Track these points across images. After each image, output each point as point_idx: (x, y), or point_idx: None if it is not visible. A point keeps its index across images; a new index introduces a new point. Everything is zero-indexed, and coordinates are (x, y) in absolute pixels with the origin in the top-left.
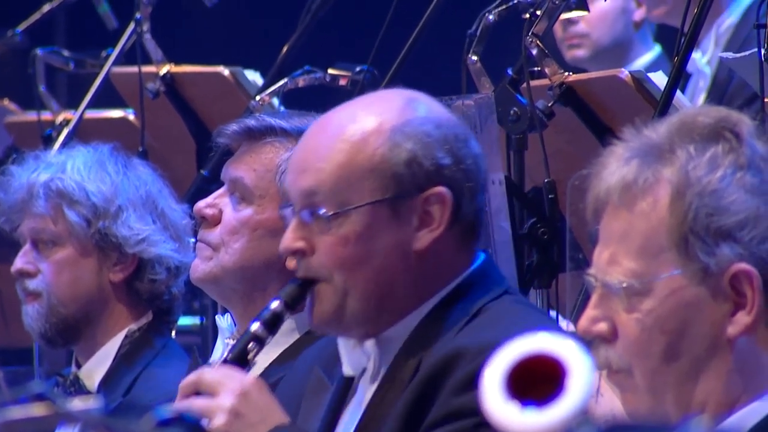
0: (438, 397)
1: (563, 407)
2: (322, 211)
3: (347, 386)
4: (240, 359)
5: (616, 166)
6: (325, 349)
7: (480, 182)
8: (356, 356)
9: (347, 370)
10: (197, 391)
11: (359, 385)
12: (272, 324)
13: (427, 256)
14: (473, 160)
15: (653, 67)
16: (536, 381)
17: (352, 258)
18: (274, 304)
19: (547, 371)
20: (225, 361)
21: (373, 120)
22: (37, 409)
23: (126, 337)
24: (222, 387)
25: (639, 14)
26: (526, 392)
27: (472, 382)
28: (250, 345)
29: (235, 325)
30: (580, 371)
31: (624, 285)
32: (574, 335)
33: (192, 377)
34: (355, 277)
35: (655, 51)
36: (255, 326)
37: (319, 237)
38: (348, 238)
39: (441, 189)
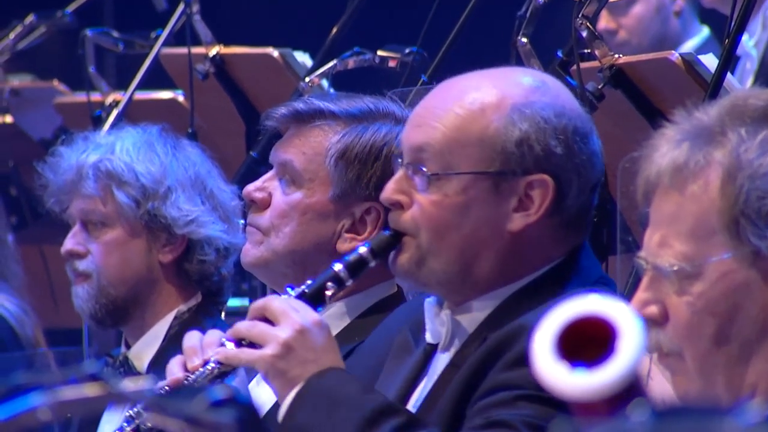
0: (491, 371)
1: (613, 369)
2: (426, 168)
3: (429, 353)
4: (316, 296)
5: (666, 149)
6: (417, 311)
7: (592, 179)
8: (437, 325)
9: (430, 337)
10: (264, 317)
11: (437, 354)
12: (355, 268)
13: (519, 238)
14: (588, 157)
15: (702, 49)
16: (588, 342)
17: (443, 221)
18: (362, 249)
19: (599, 333)
20: (301, 295)
21: (497, 93)
22: (90, 390)
23: (175, 318)
24: (284, 318)
25: (678, 4)
26: (578, 354)
27: (523, 358)
28: (329, 284)
29: None
30: (631, 333)
31: (675, 268)
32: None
33: (261, 302)
34: (441, 241)
35: (702, 34)
36: (338, 267)
37: (418, 194)
38: (444, 201)
39: (545, 177)
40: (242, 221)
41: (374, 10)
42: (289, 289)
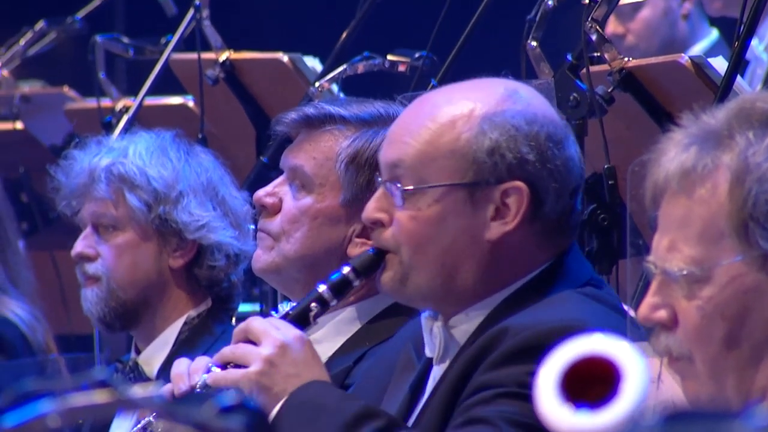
0: (475, 373)
1: (616, 410)
2: (401, 184)
3: (428, 367)
4: (300, 317)
5: (674, 153)
6: (419, 327)
7: (570, 184)
8: (431, 339)
9: (428, 351)
10: (247, 339)
11: (433, 367)
12: (339, 288)
13: (499, 246)
14: (563, 162)
15: (711, 52)
16: (591, 383)
17: (421, 236)
18: (345, 270)
19: (603, 373)
20: (285, 316)
21: (467, 105)
22: (100, 396)
23: (185, 323)
24: (265, 337)
25: (686, 7)
26: (581, 394)
27: (506, 358)
28: (313, 305)
29: None
30: (635, 374)
31: (684, 272)
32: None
33: (242, 324)
34: (421, 255)
35: (711, 36)
36: (322, 288)
37: (396, 210)
38: (420, 215)
39: (520, 184)
40: (253, 227)
41: (384, 15)
42: (273, 312)
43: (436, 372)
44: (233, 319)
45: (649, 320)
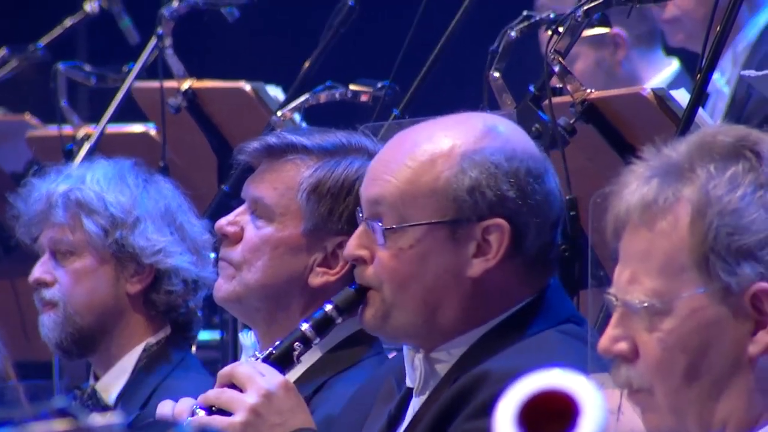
0: (457, 417)
1: None
2: (383, 222)
3: (406, 397)
4: (283, 358)
5: (636, 186)
6: (402, 359)
7: (551, 218)
8: (412, 369)
9: (408, 381)
10: (231, 383)
11: (412, 398)
12: (322, 326)
13: (481, 283)
14: (544, 197)
15: (674, 83)
16: (549, 417)
17: (403, 274)
18: (327, 307)
19: (561, 408)
20: (267, 357)
21: (447, 143)
22: (59, 425)
23: (144, 350)
24: (250, 384)
25: (619, 54)
26: (539, 428)
27: (487, 408)
28: (296, 344)
29: (258, 342)
30: (593, 410)
31: (645, 304)
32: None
33: (228, 368)
34: (404, 293)
35: (672, 67)
36: (304, 326)
37: (378, 248)
38: (402, 253)
39: (501, 221)
40: (213, 255)
41: (346, 45)
42: (256, 353)
43: (415, 403)
44: (192, 348)
45: (609, 352)
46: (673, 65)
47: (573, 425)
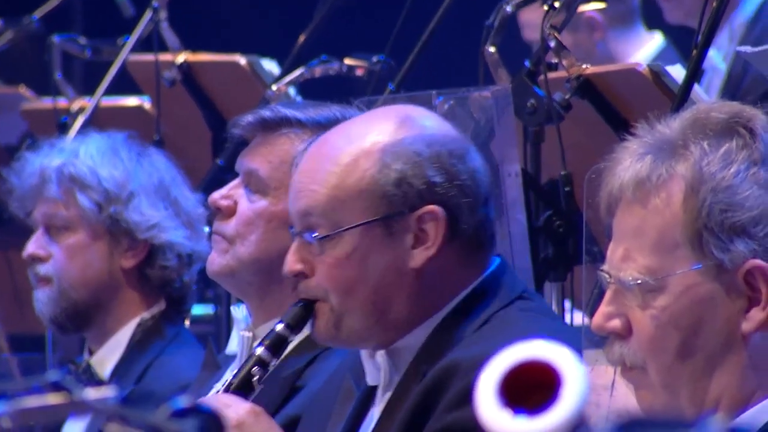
0: (434, 410)
1: (555, 416)
2: (316, 233)
3: (370, 395)
4: (244, 386)
5: (629, 162)
6: (358, 357)
7: (481, 196)
8: (372, 367)
9: (369, 379)
10: None
11: (377, 395)
12: (277, 347)
13: (425, 272)
14: (470, 175)
15: (659, 58)
16: (531, 388)
17: (347, 279)
18: (278, 327)
19: (542, 379)
20: (228, 388)
21: (365, 141)
22: (52, 398)
23: (138, 325)
24: None
25: (596, 36)
26: (521, 399)
27: (466, 397)
28: (254, 369)
29: (250, 316)
30: (574, 380)
31: (638, 282)
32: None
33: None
34: (351, 298)
35: (656, 42)
36: (259, 350)
37: (316, 258)
38: (342, 259)
39: (433, 207)
40: (207, 229)
41: (342, 18)
42: (216, 385)
43: (381, 400)
44: (186, 321)
45: (603, 329)
46: (656, 39)
47: (555, 395)
